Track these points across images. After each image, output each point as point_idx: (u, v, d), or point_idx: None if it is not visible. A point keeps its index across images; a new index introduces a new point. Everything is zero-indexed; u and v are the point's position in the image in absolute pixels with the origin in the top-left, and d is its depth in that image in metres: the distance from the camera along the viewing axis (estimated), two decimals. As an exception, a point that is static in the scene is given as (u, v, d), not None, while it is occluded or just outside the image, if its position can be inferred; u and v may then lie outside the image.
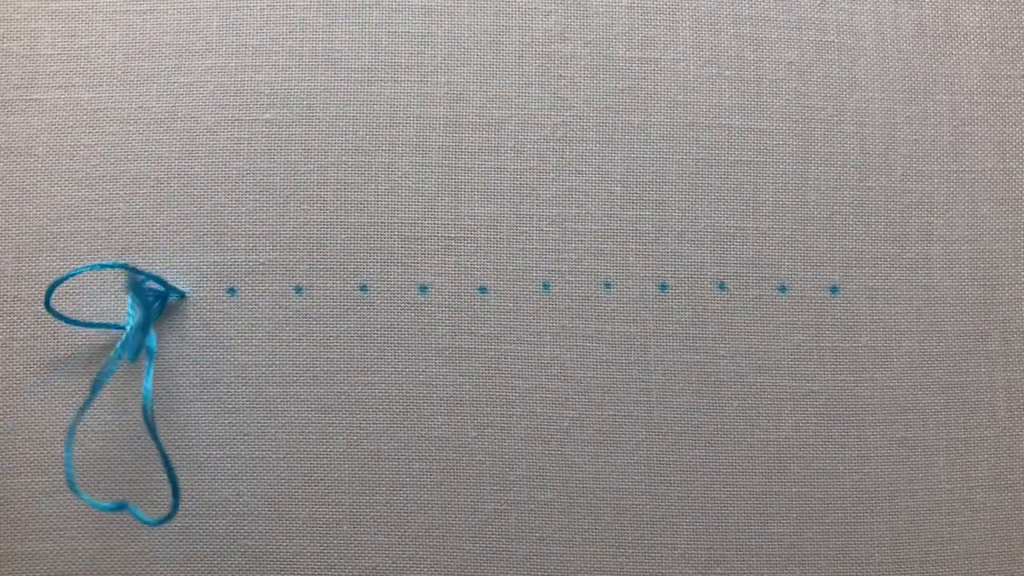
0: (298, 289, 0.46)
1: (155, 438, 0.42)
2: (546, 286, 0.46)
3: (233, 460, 0.45)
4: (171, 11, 0.47)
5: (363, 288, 0.46)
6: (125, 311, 0.45)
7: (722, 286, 0.47)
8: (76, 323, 0.45)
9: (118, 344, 0.43)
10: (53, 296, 0.44)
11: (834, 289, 0.47)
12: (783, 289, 0.47)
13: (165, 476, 0.42)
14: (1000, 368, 0.47)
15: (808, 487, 0.46)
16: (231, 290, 0.46)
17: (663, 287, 0.47)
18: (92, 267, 0.44)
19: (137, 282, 0.44)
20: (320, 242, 0.46)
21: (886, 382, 0.46)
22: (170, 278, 0.46)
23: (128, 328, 0.43)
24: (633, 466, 0.46)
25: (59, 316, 0.44)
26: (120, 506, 0.43)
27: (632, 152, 0.47)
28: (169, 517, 0.42)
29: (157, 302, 0.45)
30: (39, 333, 0.46)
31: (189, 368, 0.46)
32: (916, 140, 0.48)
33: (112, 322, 0.45)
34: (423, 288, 0.46)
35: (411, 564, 0.45)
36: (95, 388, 0.42)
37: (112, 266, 0.45)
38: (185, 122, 0.47)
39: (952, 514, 0.46)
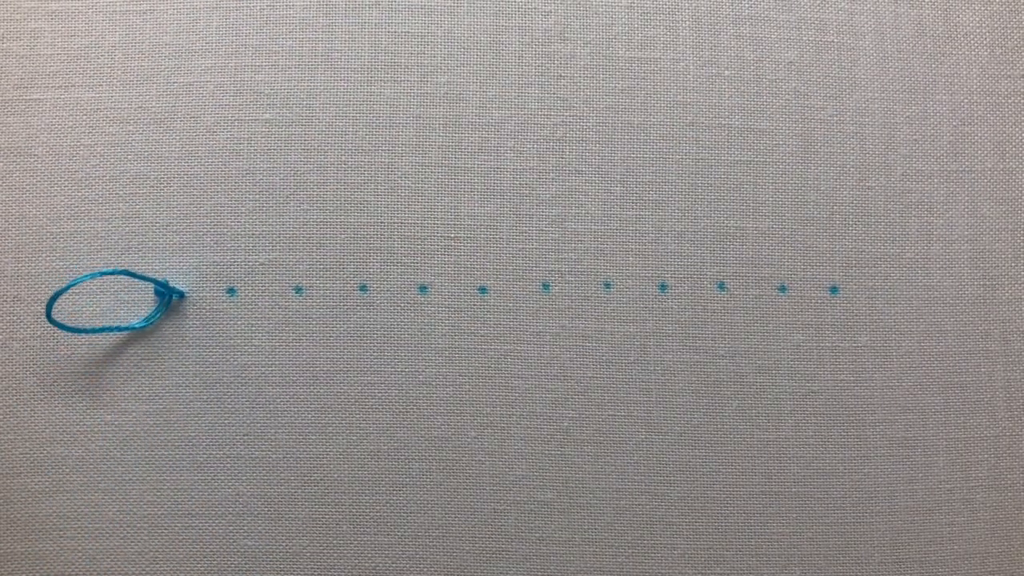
0: (298, 289, 0.46)
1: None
2: (546, 286, 0.46)
3: (233, 460, 0.45)
4: (171, 11, 0.47)
5: (363, 288, 0.46)
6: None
7: (722, 286, 0.47)
8: (77, 331, 0.44)
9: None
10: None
11: (834, 289, 0.47)
12: (783, 289, 0.47)
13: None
14: (1000, 368, 0.47)
15: (808, 487, 0.46)
16: (231, 290, 0.46)
17: (663, 287, 0.46)
18: (92, 275, 0.44)
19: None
20: (320, 242, 0.46)
21: (886, 382, 0.46)
22: (170, 278, 0.46)
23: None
24: (633, 466, 0.46)
25: (61, 326, 0.44)
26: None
27: (632, 152, 0.47)
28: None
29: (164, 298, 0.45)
30: (39, 333, 0.46)
31: (189, 368, 0.46)
32: (916, 140, 0.48)
33: (112, 325, 0.45)
34: (423, 288, 0.46)
35: (411, 564, 0.45)
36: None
37: (112, 273, 0.45)
38: (185, 122, 0.47)
39: (952, 514, 0.46)
